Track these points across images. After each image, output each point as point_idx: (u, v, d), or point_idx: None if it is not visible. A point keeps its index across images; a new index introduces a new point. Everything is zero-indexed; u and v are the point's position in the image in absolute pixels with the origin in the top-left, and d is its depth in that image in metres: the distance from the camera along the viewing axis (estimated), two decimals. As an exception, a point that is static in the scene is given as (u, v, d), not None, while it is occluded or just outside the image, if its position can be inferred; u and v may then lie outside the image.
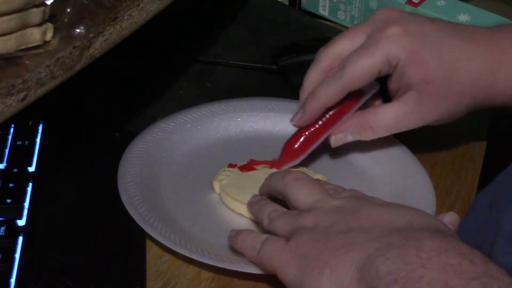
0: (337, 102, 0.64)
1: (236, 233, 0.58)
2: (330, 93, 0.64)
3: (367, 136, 0.66)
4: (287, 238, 0.54)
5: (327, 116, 0.65)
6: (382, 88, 0.67)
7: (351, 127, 0.66)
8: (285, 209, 0.58)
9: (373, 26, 0.64)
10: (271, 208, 0.58)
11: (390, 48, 0.62)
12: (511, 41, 0.63)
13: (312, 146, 0.66)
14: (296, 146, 0.66)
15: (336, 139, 0.66)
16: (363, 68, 0.62)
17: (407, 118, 0.64)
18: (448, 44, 0.63)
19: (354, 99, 0.66)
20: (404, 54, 0.62)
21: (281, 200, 0.59)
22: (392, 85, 0.65)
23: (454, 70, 0.62)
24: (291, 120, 0.66)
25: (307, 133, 0.66)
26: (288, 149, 0.66)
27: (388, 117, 0.65)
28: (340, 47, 0.65)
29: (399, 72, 0.63)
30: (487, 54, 0.63)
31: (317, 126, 0.66)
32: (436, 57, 0.62)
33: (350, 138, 0.66)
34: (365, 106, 0.67)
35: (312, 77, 0.66)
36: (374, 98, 0.68)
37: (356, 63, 0.62)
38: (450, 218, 0.55)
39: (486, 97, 0.64)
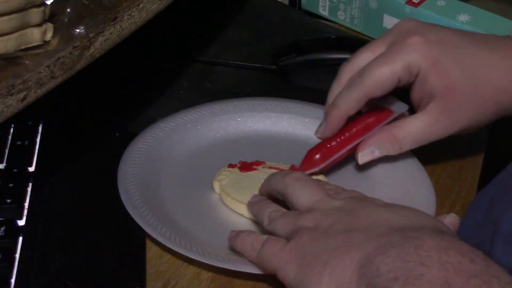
0: (358, 110, 0.64)
1: (236, 234, 0.58)
2: (350, 100, 0.63)
3: (394, 150, 0.65)
4: (287, 238, 0.54)
5: (353, 130, 0.65)
6: (410, 110, 0.66)
7: (377, 142, 0.65)
8: (285, 210, 0.58)
9: (394, 36, 0.64)
10: (271, 208, 0.58)
11: (411, 56, 0.62)
12: None
13: (333, 157, 0.65)
14: (317, 156, 0.65)
15: (363, 155, 0.65)
16: (383, 75, 0.62)
17: (432, 128, 0.64)
18: (470, 53, 0.63)
19: (381, 116, 0.65)
20: (426, 62, 0.62)
21: (281, 200, 0.59)
22: (415, 95, 0.64)
23: (477, 78, 0.62)
24: (316, 133, 0.66)
25: (330, 144, 0.65)
26: (309, 158, 0.65)
27: (413, 129, 0.64)
28: (361, 59, 0.64)
29: (420, 80, 0.62)
30: (509, 62, 0.62)
31: (341, 138, 0.65)
32: (458, 65, 0.62)
33: (377, 153, 0.65)
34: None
35: (335, 90, 0.65)
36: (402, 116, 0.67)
37: (376, 70, 0.62)
38: (451, 219, 0.55)
39: (510, 106, 0.63)
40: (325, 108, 0.66)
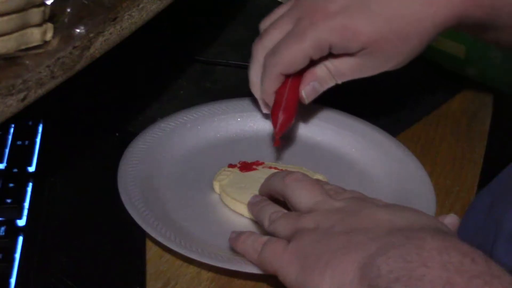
0: (279, 85, 0.67)
1: (237, 235, 0.58)
2: (269, 81, 0.67)
3: (332, 81, 0.67)
4: (288, 239, 0.54)
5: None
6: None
7: (314, 76, 0.66)
8: (286, 211, 0.58)
9: (298, 12, 0.66)
10: (272, 209, 0.58)
11: (318, 34, 0.63)
12: None
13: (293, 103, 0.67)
14: (282, 116, 0.67)
15: (307, 91, 0.67)
16: (294, 55, 0.65)
17: (364, 67, 0.65)
18: (374, 1, 0.63)
19: None
20: (335, 35, 0.63)
21: (281, 200, 0.59)
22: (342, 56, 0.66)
23: (394, 19, 0.63)
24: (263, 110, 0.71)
25: (283, 97, 0.67)
26: (276, 119, 0.67)
27: (346, 65, 0.65)
28: (271, 37, 0.67)
29: (340, 49, 0.64)
30: None
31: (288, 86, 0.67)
32: (368, 20, 0.63)
33: (317, 86, 0.67)
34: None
35: (254, 69, 0.69)
36: None
37: (286, 50, 0.65)
38: (451, 220, 0.55)
39: (433, 31, 0.64)
40: (253, 91, 0.70)
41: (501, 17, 0.63)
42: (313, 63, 0.66)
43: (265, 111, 0.71)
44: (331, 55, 0.65)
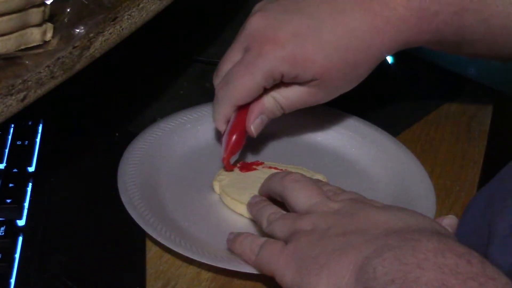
0: (231, 115, 0.66)
1: (234, 236, 0.58)
2: (222, 111, 0.65)
3: (279, 112, 0.66)
4: (286, 241, 0.54)
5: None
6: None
7: (261, 108, 0.65)
8: (284, 212, 0.58)
9: (246, 42, 0.64)
10: (271, 210, 0.58)
11: (269, 65, 0.62)
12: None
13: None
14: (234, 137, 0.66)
15: (255, 125, 0.66)
16: (247, 88, 0.64)
17: (311, 97, 0.65)
18: (326, 30, 0.62)
19: None
20: (286, 65, 0.62)
21: (280, 201, 0.59)
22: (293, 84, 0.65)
23: (343, 48, 0.62)
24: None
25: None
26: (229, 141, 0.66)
27: (293, 96, 0.65)
28: (225, 71, 0.66)
29: (292, 78, 0.63)
30: (368, 17, 0.62)
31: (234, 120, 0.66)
32: (319, 48, 0.62)
33: (265, 119, 0.66)
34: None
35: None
36: None
37: (238, 83, 0.64)
38: (449, 221, 0.55)
39: (381, 55, 0.64)
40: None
41: (447, 38, 0.63)
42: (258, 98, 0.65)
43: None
44: (280, 85, 0.65)
